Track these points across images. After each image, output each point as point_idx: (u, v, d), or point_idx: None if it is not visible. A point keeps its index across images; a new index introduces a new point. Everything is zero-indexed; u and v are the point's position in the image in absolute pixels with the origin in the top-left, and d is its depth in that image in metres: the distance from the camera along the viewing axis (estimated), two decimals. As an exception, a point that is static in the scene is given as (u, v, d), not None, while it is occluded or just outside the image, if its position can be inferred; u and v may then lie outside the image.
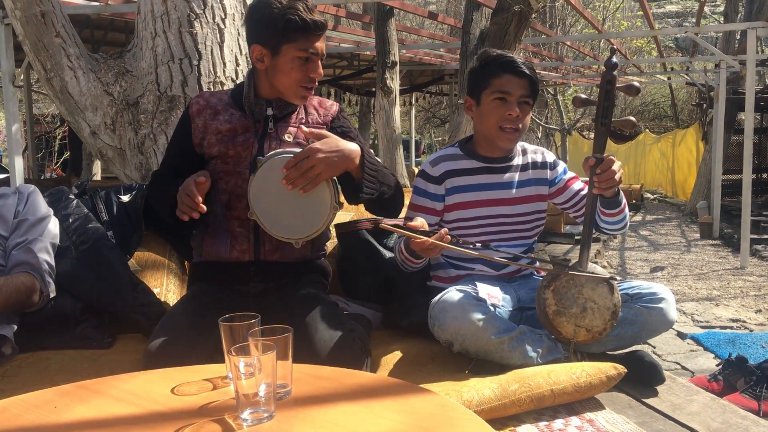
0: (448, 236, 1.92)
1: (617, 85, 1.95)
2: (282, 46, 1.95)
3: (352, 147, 1.86)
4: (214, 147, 2.03)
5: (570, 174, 2.35)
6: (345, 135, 2.05)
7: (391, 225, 1.87)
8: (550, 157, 2.35)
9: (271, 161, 1.85)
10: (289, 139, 2.03)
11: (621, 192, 2.12)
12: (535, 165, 2.31)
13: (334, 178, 1.88)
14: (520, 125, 2.19)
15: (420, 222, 1.97)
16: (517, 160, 2.30)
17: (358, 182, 1.89)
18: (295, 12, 1.91)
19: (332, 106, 2.15)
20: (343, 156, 1.83)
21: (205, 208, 1.82)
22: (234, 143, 2.02)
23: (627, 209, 2.20)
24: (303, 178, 1.79)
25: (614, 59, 1.95)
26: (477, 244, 2.06)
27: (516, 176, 2.28)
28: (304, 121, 2.07)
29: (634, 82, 2.01)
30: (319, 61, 1.99)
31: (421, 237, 1.89)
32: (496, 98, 2.17)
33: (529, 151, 2.34)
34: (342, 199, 1.95)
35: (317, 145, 1.80)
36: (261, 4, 1.96)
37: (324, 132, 1.87)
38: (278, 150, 1.88)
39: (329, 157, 1.80)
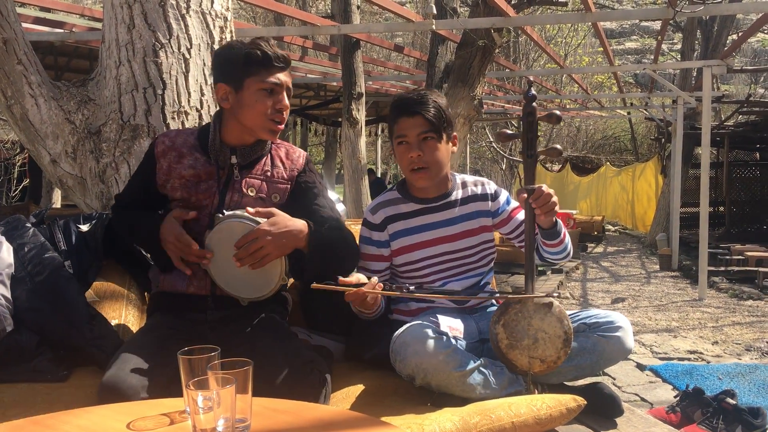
0: (380, 284, 1.92)
1: (538, 116, 1.99)
2: (244, 80, 1.97)
3: (300, 226, 1.89)
4: (177, 191, 2.04)
5: (513, 204, 2.33)
6: (309, 190, 2.08)
7: (321, 284, 1.85)
8: (491, 188, 2.34)
9: (227, 223, 1.86)
10: (251, 194, 2.03)
11: (560, 222, 2.14)
12: (475, 197, 2.30)
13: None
14: (428, 162, 2.16)
15: (355, 278, 1.96)
16: (456, 194, 2.29)
17: (304, 258, 1.91)
18: (257, 47, 1.96)
19: (299, 157, 2.13)
20: (291, 236, 1.86)
21: (210, 254, 1.91)
22: (197, 190, 2.03)
23: (568, 238, 2.21)
24: (251, 258, 1.82)
25: (532, 91, 1.99)
26: (411, 287, 2.08)
27: (456, 211, 2.27)
28: (269, 173, 2.06)
29: (555, 110, 2.05)
30: (285, 94, 2.01)
31: (352, 289, 1.88)
32: (398, 143, 2.19)
33: (470, 184, 2.32)
34: None
35: (266, 226, 1.83)
36: (225, 46, 2.01)
37: (272, 210, 1.88)
38: (236, 211, 1.88)
39: (277, 238, 1.83)
